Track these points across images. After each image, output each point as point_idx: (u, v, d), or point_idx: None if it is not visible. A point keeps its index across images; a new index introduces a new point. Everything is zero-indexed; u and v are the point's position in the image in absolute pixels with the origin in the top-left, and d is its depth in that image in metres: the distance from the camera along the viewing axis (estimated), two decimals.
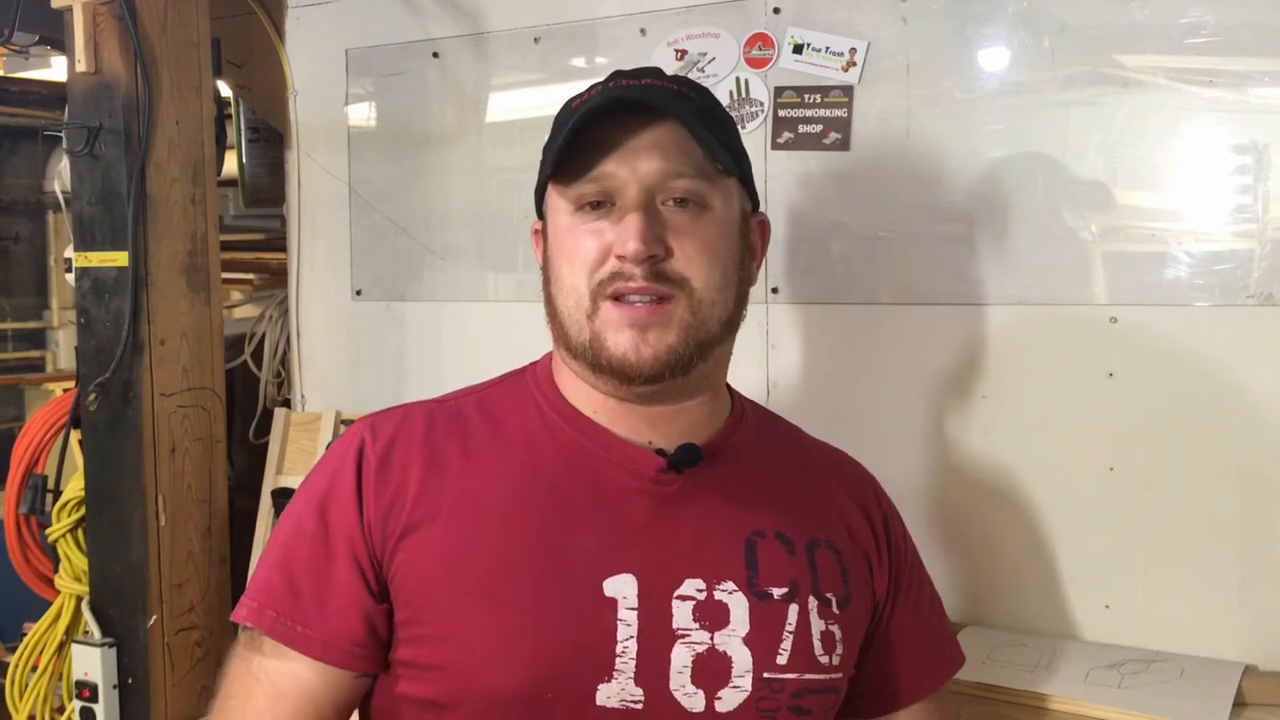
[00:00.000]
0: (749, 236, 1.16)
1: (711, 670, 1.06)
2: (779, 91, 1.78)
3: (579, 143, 1.08)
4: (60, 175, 2.28)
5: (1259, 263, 1.50)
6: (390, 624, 1.09)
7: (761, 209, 1.20)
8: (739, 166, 1.13)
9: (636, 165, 1.07)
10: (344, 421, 2.12)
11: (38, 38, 2.26)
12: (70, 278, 2.08)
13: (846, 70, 1.73)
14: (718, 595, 1.08)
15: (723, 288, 1.09)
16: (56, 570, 2.13)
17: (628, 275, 1.05)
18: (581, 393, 1.14)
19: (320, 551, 1.09)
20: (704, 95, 1.16)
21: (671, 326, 1.07)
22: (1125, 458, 1.59)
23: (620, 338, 1.06)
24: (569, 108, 1.15)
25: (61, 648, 2.10)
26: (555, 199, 1.12)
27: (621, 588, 1.06)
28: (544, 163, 1.14)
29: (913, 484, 1.67)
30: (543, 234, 1.17)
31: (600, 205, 1.09)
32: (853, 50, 1.72)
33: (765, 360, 1.80)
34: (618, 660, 1.04)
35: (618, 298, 1.06)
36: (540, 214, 1.18)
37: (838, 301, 1.76)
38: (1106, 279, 1.60)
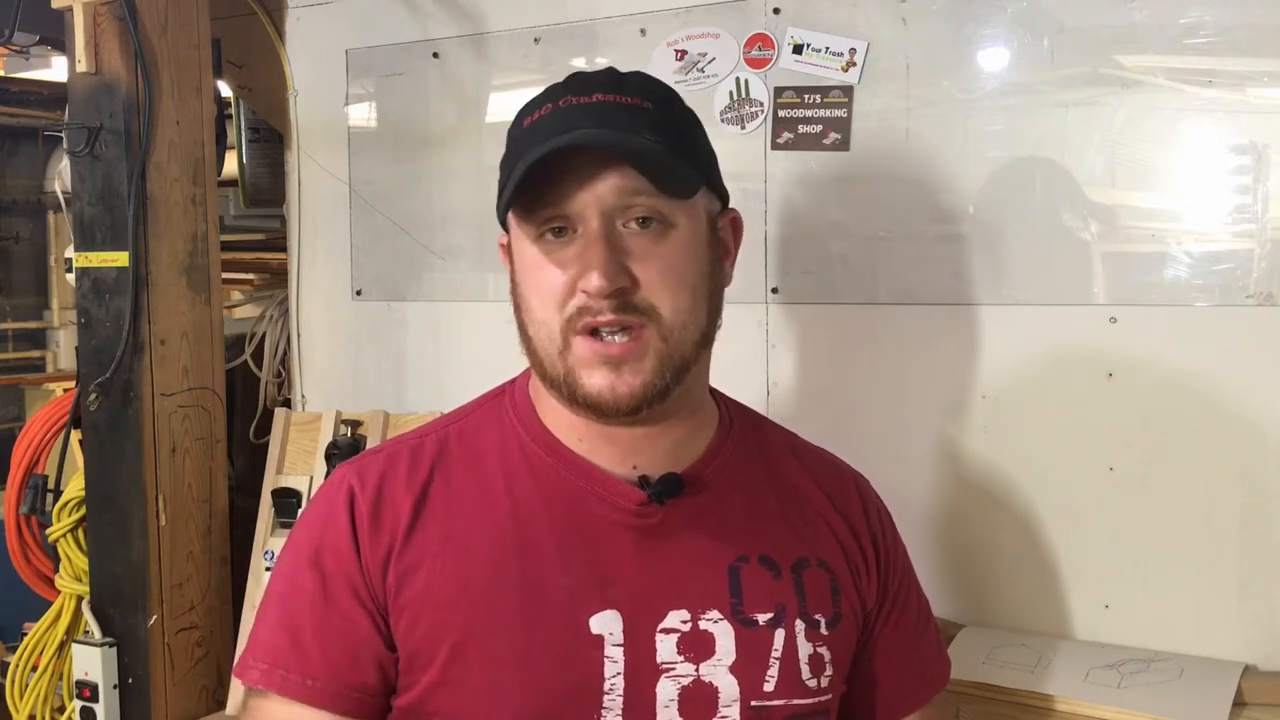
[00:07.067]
0: (719, 239, 1.12)
1: (698, 701, 1.06)
2: (779, 92, 1.78)
3: (533, 170, 1.03)
4: (61, 175, 2.29)
5: (1258, 263, 1.50)
6: (396, 671, 1.09)
7: (732, 203, 1.16)
8: (707, 175, 1.10)
9: (594, 186, 1.03)
10: (344, 421, 2.12)
11: (38, 38, 2.27)
12: (70, 278, 2.09)
13: (846, 70, 1.73)
14: (703, 625, 1.08)
15: (693, 309, 1.06)
16: (57, 570, 2.13)
17: (596, 310, 1.02)
18: (563, 419, 1.12)
19: (320, 603, 1.08)
20: (661, 100, 1.10)
21: (646, 359, 1.04)
22: (1125, 458, 1.59)
23: (595, 377, 1.03)
24: (520, 125, 1.10)
25: (62, 647, 2.11)
26: (517, 225, 1.09)
27: (608, 624, 1.06)
28: (502, 186, 1.09)
29: (912, 484, 1.67)
30: (509, 252, 1.13)
31: (562, 232, 1.05)
32: (852, 50, 1.72)
33: (765, 360, 1.80)
34: (605, 698, 1.05)
35: (588, 332, 1.03)
36: (505, 227, 1.15)
37: (837, 301, 1.76)
38: (1106, 279, 1.60)
